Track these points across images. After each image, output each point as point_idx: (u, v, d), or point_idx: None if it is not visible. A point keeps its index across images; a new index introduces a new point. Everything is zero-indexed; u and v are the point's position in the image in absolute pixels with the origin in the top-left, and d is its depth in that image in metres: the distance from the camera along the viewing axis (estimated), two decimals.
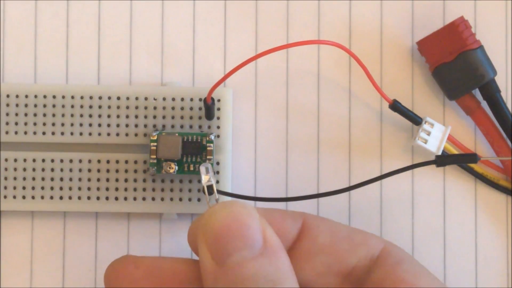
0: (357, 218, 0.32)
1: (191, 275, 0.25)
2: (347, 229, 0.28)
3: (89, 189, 0.31)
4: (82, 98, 0.31)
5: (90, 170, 0.31)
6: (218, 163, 0.31)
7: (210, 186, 0.27)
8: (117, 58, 0.32)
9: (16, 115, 0.31)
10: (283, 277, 0.23)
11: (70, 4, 0.32)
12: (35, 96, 0.31)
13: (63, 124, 0.31)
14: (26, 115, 0.31)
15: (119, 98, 0.31)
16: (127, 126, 0.31)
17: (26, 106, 0.31)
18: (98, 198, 0.31)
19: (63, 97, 0.31)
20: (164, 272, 0.25)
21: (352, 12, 0.33)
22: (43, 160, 0.31)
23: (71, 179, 0.31)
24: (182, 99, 0.31)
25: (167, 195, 0.31)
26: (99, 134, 0.31)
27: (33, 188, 0.31)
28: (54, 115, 0.31)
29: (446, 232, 0.32)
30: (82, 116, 0.31)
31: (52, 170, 0.31)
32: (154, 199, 0.31)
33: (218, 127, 0.31)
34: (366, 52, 0.32)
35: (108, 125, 0.31)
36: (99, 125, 0.31)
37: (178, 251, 0.32)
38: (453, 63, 0.31)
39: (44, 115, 0.31)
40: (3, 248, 0.31)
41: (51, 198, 0.31)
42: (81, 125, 0.31)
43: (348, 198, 0.32)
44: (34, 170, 0.31)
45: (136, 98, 0.31)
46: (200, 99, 0.31)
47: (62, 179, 0.31)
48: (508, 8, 0.33)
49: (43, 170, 0.31)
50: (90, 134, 0.31)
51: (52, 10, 0.32)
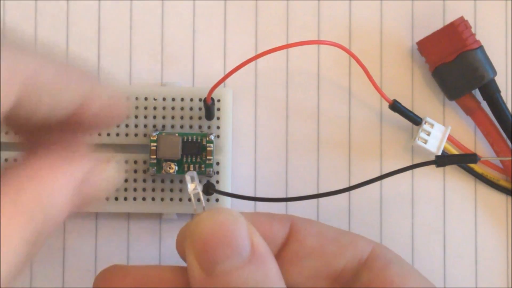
0: (357, 218, 0.32)
1: (179, 283, 0.25)
2: (335, 231, 0.27)
3: None
4: None
5: None
6: (218, 163, 0.31)
7: (197, 194, 0.27)
8: (117, 58, 0.32)
9: None
10: (272, 284, 0.23)
11: (70, 4, 0.32)
12: None
13: None
14: None
15: None
16: (127, 126, 0.31)
17: None
18: None
19: None
20: (153, 280, 0.25)
21: (352, 12, 0.33)
22: None
23: None
24: (182, 99, 0.31)
25: (167, 195, 0.31)
26: (99, 134, 0.31)
27: None
28: None
29: (446, 232, 0.32)
30: None
31: None
32: (154, 199, 0.31)
33: (218, 127, 0.31)
34: (366, 52, 0.32)
35: None
36: None
37: None
38: (453, 63, 0.31)
39: None
40: None
41: None
42: None
43: (348, 198, 0.32)
44: None
45: (136, 98, 0.31)
46: (200, 99, 0.31)
47: None
48: (508, 8, 0.33)
49: None
50: (90, 134, 0.31)
51: (52, 10, 0.32)
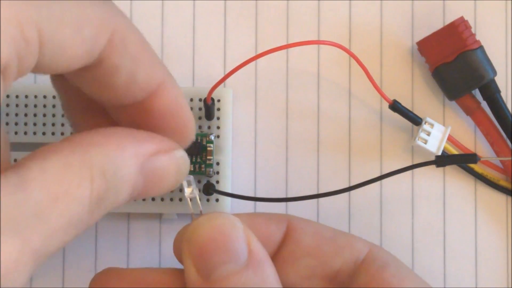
0: (357, 218, 0.32)
1: (175, 286, 0.25)
2: (332, 231, 0.27)
3: None
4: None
5: None
6: (218, 163, 0.31)
7: (194, 199, 0.26)
8: None
9: (16, 115, 0.31)
10: None
11: None
12: (35, 96, 0.31)
13: (63, 125, 0.31)
14: (26, 115, 0.30)
15: None
16: None
17: (26, 106, 0.31)
18: None
19: None
20: (148, 283, 0.25)
21: (352, 12, 0.33)
22: None
23: None
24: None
25: (167, 195, 0.31)
26: None
27: None
28: (54, 115, 0.31)
29: (446, 232, 0.32)
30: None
31: None
32: (154, 199, 0.31)
33: (218, 127, 0.31)
34: (366, 52, 0.32)
35: None
36: None
37: None
38: (453, 63, 0.31)
39: (44, 115, 0.31)
40: None
41: None
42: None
43: (348, 198, 0.32)
44: None
45: None
46: (200, 99, 0.31)
47: None
48: (508, 8, 0.33)
49: None
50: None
51: None
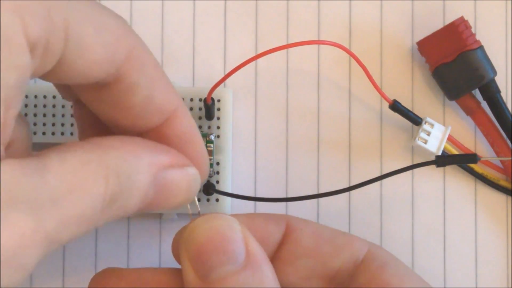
0: (357, 218, 0.32)
1: (174, 286, 0.25)
2: (331, 231, 0.27)
3: None
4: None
5: None
6: (218, 163, 0.31)
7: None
8: None
9: None
10: None
11: None
12: (35, 96, 0.31)
13: (63, 124, 0.31)
14: (26, 115, 0.30)
15: None
16: None
17: (26, 106, 0.31)
18: None
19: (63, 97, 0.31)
20: (147, 283, 0.25)
21: (352, 12, 0.33)
22: None
23: None
24: (182, 99, 0.31)
25: None
26: None
27: None
28: (54, 115, 0.31)
29: (446, 232, 0.32)
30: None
31: None
32: None
33: (218, 127, 0.31)
34: (366, 52, 0.32)
35: None
36: None
37: None
38: (453, 63, 0.31)
39: (44, 115, 0.31)
40: None
41: None
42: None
43: (348, 198, 0.32)
44: None
45: None
46: (200, 99, 0.31)
47: None
48: (508, 8, 0.33)
49: None
50: None
51: None
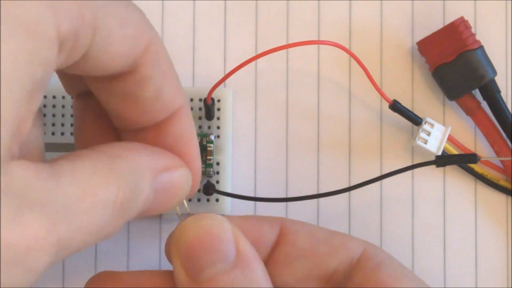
0: (357, 218, 0.32)
1: (168, 287, 0.25)
2: (326, 232, 0.27)
3: None
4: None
5: None
6: (218, 163, 0.31)
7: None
8: None
9: None
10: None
11: None
12: None
13: (63, 124, 0.31)
14: None
15: None
16: None
17: None
18: None
19: (63, 97, 0.31)
20: (143, 286, 0.25)
21: (352, 12, 0.33)
22: None
23: None
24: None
25: None
26: None
27: None
28: (54, 115, 0.31)
29: (446, 232, 0.32)
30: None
31: None
32: None
33: (218, 127, 0.31)
34: (366, 52, 0.32)
35: None
36: None
37: None
38: (453, 63, 0.31)
39: (44, 115, 0.31)
40: None
41: None
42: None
43: (348, 198, 0.32)
44: None
45: None
46: (200, 99, 0.31)
47: None
48: (508, 8, 0.33)
49: None
50: None
51: None
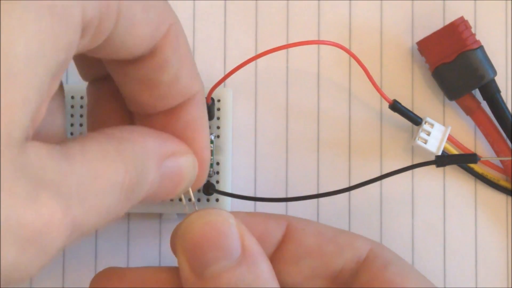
0: (357, 218, 0.32)
1: (175, 283, 0.25)
2: (333, 231, 0.27)
3: None
4: (82, 98, 0.31)
5: None
6: (218, 163, 0.31)
7: (187, 195, 0.26)
8: None
9: None
10: (264, 284, 0.23)
11: None
12: None
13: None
14: None
15: None
16: None
17: None
18: None
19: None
20: (148, 282, 0.25)
21: (352, 12, 0.33)
22: None
23: None
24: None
25: None
26: None
27: None
28: None
29: (446, 232, 0.32)
30: (82, 116, 0.31)
31: None
32: None
33: (218, 127, 0.31)
34: (366, 52, 0.32)
35: None
36: None
37: None
38: (453, 63, 0.31)
39: None
40: None
41: None
42: (81, 125, 0.31)
43: (348, 198, 0.32)
44: None
45: None
46: None
47: None
48: (508, 8, 0.33)
49: None
50: None
51: None
